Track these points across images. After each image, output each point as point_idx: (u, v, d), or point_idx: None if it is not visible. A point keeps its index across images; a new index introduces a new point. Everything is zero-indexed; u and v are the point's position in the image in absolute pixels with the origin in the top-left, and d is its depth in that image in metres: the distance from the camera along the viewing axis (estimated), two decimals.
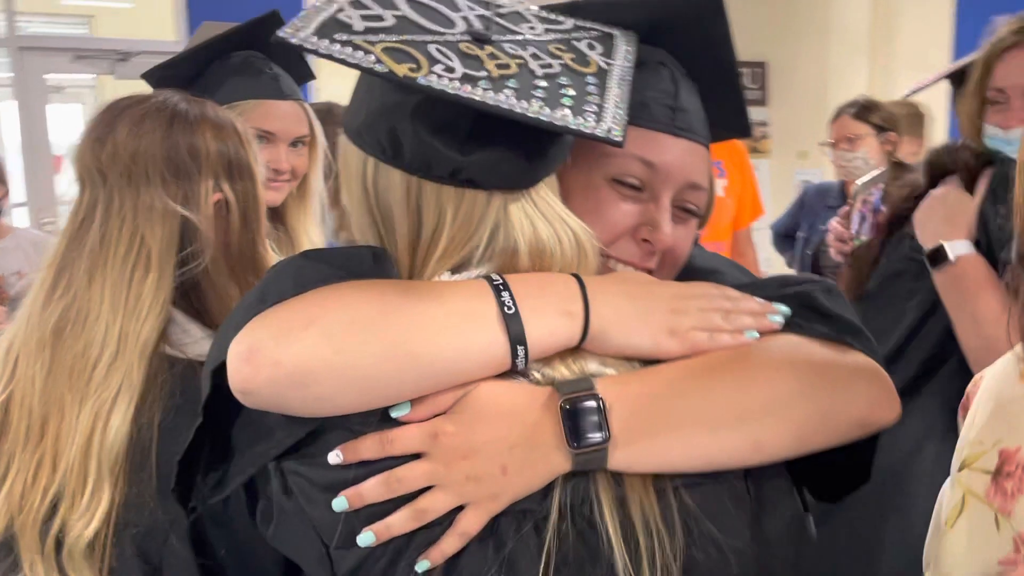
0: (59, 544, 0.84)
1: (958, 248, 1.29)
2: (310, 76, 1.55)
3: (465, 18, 0.72)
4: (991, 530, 0.65)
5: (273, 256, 1.01)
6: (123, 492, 0.83)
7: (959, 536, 0.66)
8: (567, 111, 0.67)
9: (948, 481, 0.71)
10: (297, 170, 1.47)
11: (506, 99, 0.65)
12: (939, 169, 1.41)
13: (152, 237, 0.88)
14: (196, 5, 5.29)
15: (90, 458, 0.83)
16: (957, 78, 1.54)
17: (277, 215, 1.47)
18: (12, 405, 0.87)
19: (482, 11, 0.75)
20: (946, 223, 1.32)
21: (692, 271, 0.82)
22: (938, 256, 1.30)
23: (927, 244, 1.32)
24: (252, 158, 0.97)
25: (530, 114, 0.65)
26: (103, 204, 0.90)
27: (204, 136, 0.92)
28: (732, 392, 0.67)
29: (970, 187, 1.34)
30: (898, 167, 2.80)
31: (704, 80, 0.83)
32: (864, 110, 2.86)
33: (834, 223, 1.64)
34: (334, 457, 0.65)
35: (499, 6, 0.77)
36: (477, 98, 0.64)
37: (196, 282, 0.91)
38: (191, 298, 0.92)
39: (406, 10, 0.70)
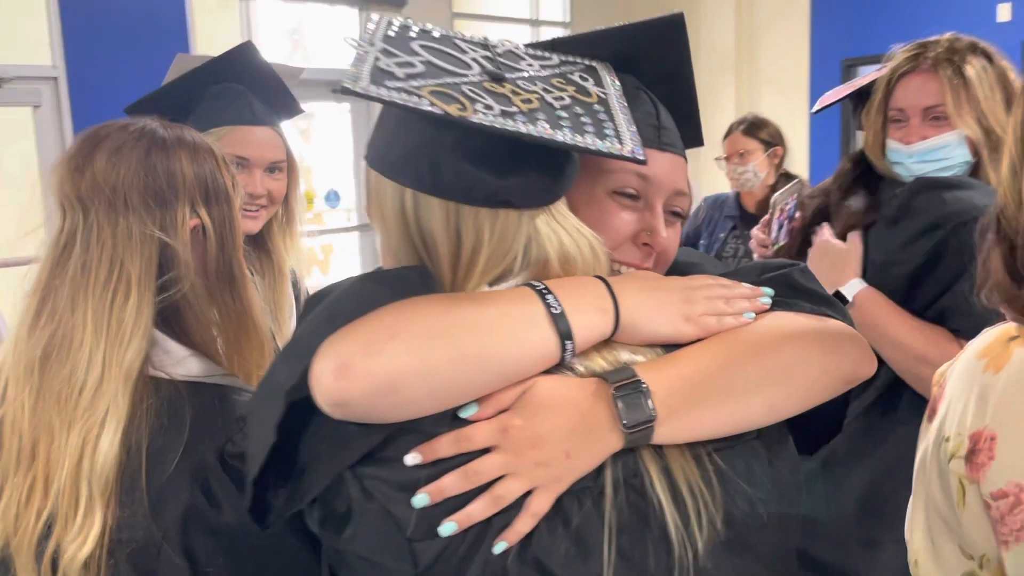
0: (55, 564, 0.85)
1: (852, 288, 1.42)
2: (298, 110, 1.56)
3: (475, 59, 0.80)
4: (978, 498, 0.75)
5: (250, 277, 1.03)
6: (115, 513, 0.85)
7: (971, 513, 0.76)
8: (593, 137, 0.76)
9: (933, 472, 0.81)
10: (274, 195, 1.47)
11: (544, 130, 0.74)
12: (821, 204, 1.58)
13: (131, 263, 0.90)
14: (71, 28, 5.08)
15: (80, 482, 0.84)
16: (857, 97, 1.72)
17: (261, 241, 1.47)
18: (3, 428, 0.88)
19: (484, 52, 0.83)
20: (834, 271, 1.46)
21: (677, 266, 0.93)
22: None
23: None
24: (229, 182, 0.99)
25: (568, 141, 0.74)
26: (83, 232, 0.91)
27: (180, 162, 0.94)
28: (747, 365, 0.77)
29: (842, 232, 1.50)
30: (786, 178, 3.03)
31: (666, 99, 0.94)
32: (753, 127, 3.08)
33: (756, 231, 1.79)
34: (412, 458, 0.71)
35: (494, 46, 0.86)
36: (523, 131, 0.72)
37: (176, 305, 0.93)
38: (171, 320, 0.93)
39: (427, 56, 0.78)
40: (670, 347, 0.79)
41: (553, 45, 0.90)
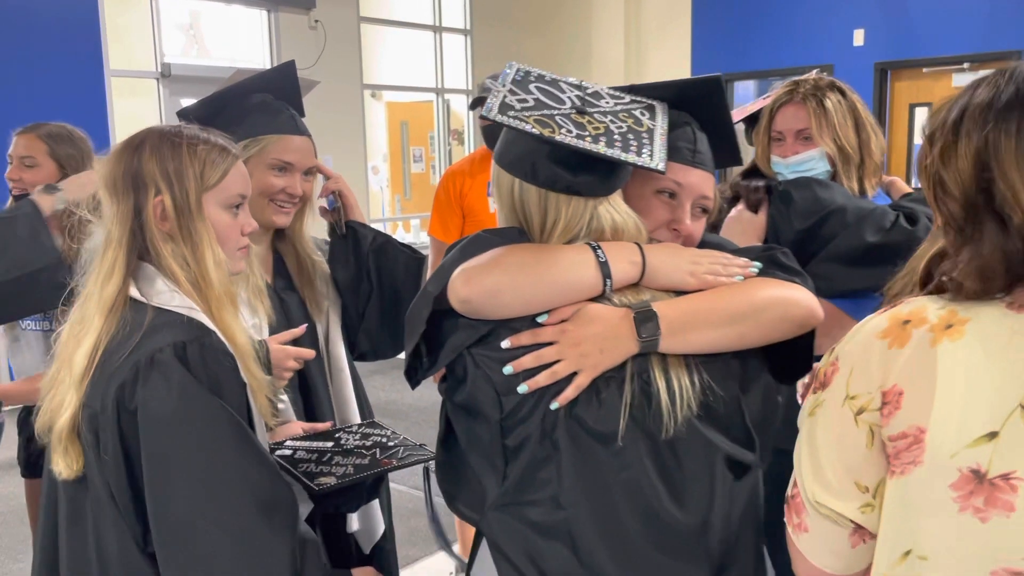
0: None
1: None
2: (302, 114, 1.79)
3: (569, 97, 1.18)
4: (882, 444, 0.92)
5: (211, 243, 1.26)
6: (82, 396, 1.17)
7: (874, 452, 0.93)
8: (634, 154, 1.13)
9: (838, 424, 0.95)
10: (306, 195, 1.72)
11: (603, 147, 1.11)
12: (735, 192, 2.03)
13: (115, 232, 1.25)
14: None
15: (72, 377, 1.20)
16: (748, 120, 2.19)
17: (282, 231, 1.73)
18: (66, 344, 1.25)
19: (577, 92, 1.21)
20: (743, 236, 1.85)
21: (702, 244, 1.27)
22: None
23: None
24: (191, 169, 1.26)
25: (617, 156, 1.11)
26: (104, 214, 1.29)
27: (142, 157, 1.26)
28: (726, 306, 1.11)
29: (753, 206, 1.96)
30: None
31: (709, 130, 1.28)
32: None
33: None
34: (505, 344, 1.10)
35: (586, 87, 1.23)
36: (589, 147, 1.10)
37: (154, 259, 1.25)
38: (157, 268, 1.27)
39: (537, 94, 1.17)
40: (680, 294, 1.13)
41: (630, 89, 1.27)
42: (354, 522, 1.68)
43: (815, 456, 0.97)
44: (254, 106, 1.67)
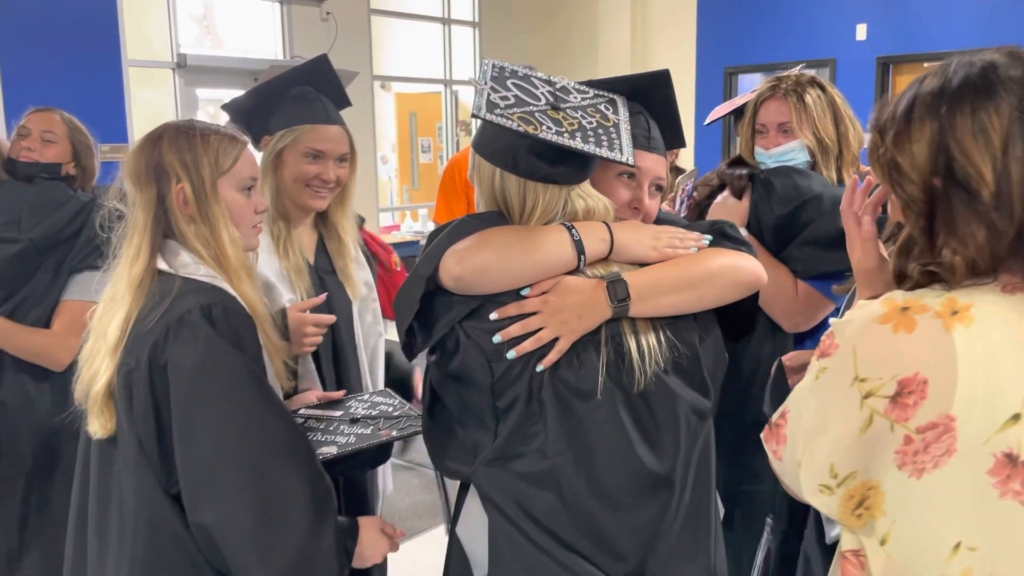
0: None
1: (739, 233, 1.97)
2: (347, 103, 1.91)
3: (542, 93, 1.30)
4: (888, 434, 0.90)
5: (226, 220, 1.38)
6: (117, 361, 1.29)
7: (866, 440, 0.92)
8: (606, 148, 1.25)
9: (835, 400, 0.94)
10: (341, 180, 1.80)
11: (579, 143, 1.23)
12: (722, 180, 2.17)
13: (140, 218, 1.39)
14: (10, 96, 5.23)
15: (107, 345, 1.33)
16: (737, 113, 2.33)
17: (325, 215, 1.86)
18: (100, 320, 1.38)
19: (548, 87, 1.32)
20: (728, 220, 2.02)
21: (659, 220, 1.41)
22: None
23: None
24: (206, 158, 1.40)
25: (593, 151, 1.24)
26: (129, 202, 1.43)
27: (162, 150, 1.40)
28: (686, 274, 1.26)
29: (738, 193, 2.10)
30: (676, 171, 3.65)
31: (659, 117, 1.42)
32: None
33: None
34: (493, 315, 1.22)
35: (555, 82, 1.35)
36: (568, 143, 1.22)
37: (179, 239, 1.39)
38: (179, 243, 1.41)
39: (515, 91, 1.28)
40: (643, 266, 1.28)
41: (590, 84, 1.40)
42: (388, 484, 1.83)
43: (815, 420, 0.97)
44: (290, 98, 1.79)
